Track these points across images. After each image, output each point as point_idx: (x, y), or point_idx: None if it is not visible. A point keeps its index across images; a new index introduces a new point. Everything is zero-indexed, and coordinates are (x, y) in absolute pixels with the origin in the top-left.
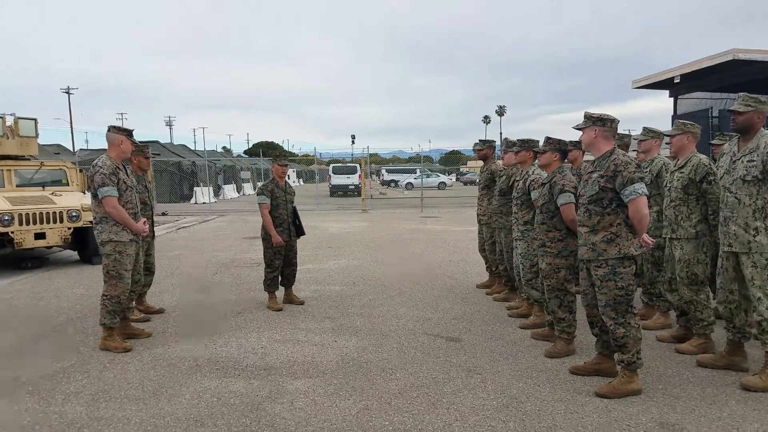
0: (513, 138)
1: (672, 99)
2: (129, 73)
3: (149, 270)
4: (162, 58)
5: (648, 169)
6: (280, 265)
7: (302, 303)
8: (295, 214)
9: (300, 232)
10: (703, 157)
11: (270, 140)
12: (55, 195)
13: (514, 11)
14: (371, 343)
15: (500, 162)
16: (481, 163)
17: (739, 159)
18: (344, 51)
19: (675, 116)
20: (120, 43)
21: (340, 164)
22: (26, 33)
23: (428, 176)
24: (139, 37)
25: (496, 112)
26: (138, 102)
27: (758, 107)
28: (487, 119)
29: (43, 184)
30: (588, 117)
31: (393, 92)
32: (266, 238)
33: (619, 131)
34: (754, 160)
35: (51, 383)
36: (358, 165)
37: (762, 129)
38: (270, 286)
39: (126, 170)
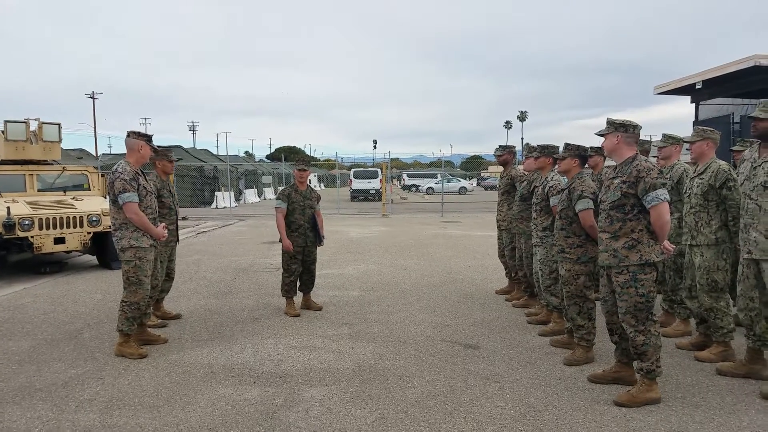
0: (535, 143)
1: (694, 105)
2: (154, 80)
3: (169, 276)
4: (187, 65)
5: (668, 176)
6: (298, 270)
7: (320, 309)
8: (313, 221)
9: (318, 239)
10: (722, 163)
11: (292, 145)
12: (76, 200)
13: (536, 17)
14: (389, 350)
15: (521, 167)
16: (501, 168)
17: (759, 165)
18: (368, 57)
19: (696, 122)
20: (145, 50)
21: (361, 169)
22: (53, 39)
23: (449, 181)
24: (164, 44)
25: (518, 117)
26: (162, 107)
27: None
28: (508, 124)
29: (64, 189)
30: (610, 123)
31: (416, 97)
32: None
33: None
34: None
35: (65, 390)
36: (379, 169)
37: None
38: (288, 291)
39: (144, 175)
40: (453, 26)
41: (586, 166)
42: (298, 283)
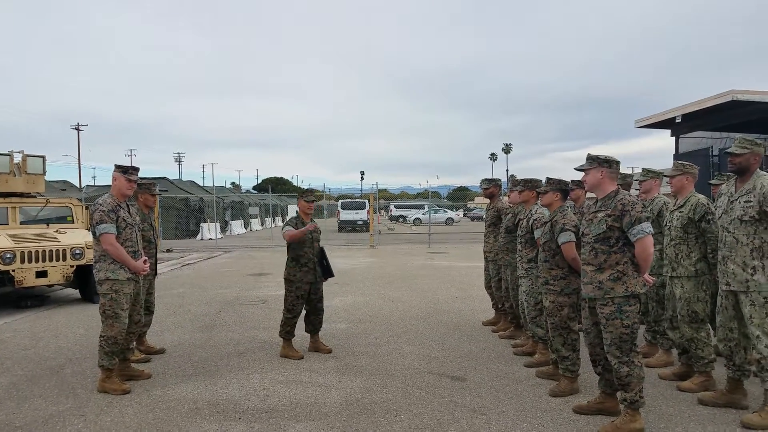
0: (519, 176)
1: (674, 138)
2: (139, 111)
3: (149, 309)
4: (172, 96)
5: (649, 209)
6: (301, 311)
7: (330, 351)
8: (322, 254)
9: (328, 273)
10: (701, 196)
11: (279, 176)
12: (59, 232)
13: (520, 51)
14: (376, 383)
15: (506, 199)
16: (487, 199)
17: (736, 199)
18: (355, 89)
19: (676, 155)
20: (130, 81)
21: (348, 200)
22: (37, 71)
23: (436, 212)
24: (149, 75)
25: (503, 149)
26: (148, 139)
27: (754, 149)
28: (493, 156)
29: (48, 221)
30: (593, 158)
31: (402, 129)
32: (291, 279)
33: (622, 170)
34: (750, 201)
35: (45, 428)
36: (366, 200)
37: (758, 170)
38: (288, 333)
39: (128, 208)
40: (432, 62)
41: (568, 199)
42: (303, 324)
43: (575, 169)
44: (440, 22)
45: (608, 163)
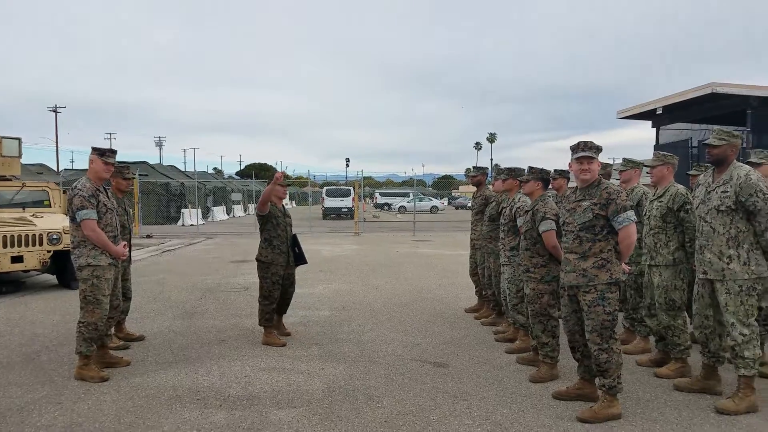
0: (504, 165)
1: (654, 129)
2: (119, 94)
3: (126, 296)
4: (154, 80)
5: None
6: (278, 298)
7: (289, 334)
8: (294, 240)
9: (300, 259)
10: (680, 186)
11: (263, 162)
12: (36, 217)
13: (505, 43)
14: (359, 370)
15: (492, 187)
16: (472, 188)
17: (713, 190)
18: (342, 78)
19: (657, 146)
20: (110, 64)
21: (333, 187)
22: (14, 52)
23: (421, 200)
24: (130, 58)
25: (487, 138)
26: (128, 122)
27: (731, 141)
28: (478, 145)
29: (23, 205)
30: (597, 148)
31: (388, 118)
32: (263, 261)
33: (602, 160)
34: (727, 191)
35: (20, 416)
36: (351, 188)
37: (735, 161)
38: (268, 320)
39: (107, 192)
40: (419, 55)
41: (550, 187)
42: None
43: (574, 158)
44: (427, 13)
45: (599, 152)
